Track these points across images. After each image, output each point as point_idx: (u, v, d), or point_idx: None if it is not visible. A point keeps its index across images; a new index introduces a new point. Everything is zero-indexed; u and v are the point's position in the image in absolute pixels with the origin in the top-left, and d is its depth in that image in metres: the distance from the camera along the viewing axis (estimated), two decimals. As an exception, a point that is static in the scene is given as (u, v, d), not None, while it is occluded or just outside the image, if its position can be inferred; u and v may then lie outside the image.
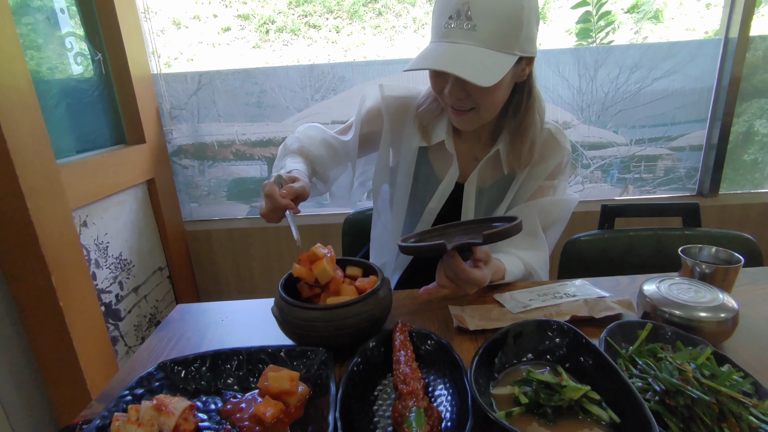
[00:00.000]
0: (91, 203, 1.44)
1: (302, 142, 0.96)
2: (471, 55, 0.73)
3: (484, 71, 0.72)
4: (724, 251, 0.75)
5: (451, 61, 0.73)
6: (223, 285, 2.05)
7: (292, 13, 2.86)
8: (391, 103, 0.97)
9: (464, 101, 0.81)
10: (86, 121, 1.56)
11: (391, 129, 0.97)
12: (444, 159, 0.96)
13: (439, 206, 0.96)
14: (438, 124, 0.95)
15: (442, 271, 0.73)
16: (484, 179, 0.96)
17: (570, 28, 2.42)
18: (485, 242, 0.66)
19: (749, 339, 0.66)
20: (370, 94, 0.99)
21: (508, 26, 0.73)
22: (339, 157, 1.00)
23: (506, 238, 0.68)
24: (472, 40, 0.73)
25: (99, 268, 1.47)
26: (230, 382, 0.60)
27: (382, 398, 0.57)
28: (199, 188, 2.02)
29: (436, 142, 0.94)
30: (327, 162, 0.98)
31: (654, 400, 0.50)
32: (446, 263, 0.72)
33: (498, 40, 0.73)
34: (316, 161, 0.96)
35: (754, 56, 1.83)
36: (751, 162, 1.99)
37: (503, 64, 0.74)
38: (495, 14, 0.72)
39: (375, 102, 0.98)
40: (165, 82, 1.85)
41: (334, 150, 0.99)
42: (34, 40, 1.37)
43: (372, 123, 0.98)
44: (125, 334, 1.59)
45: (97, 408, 0.58)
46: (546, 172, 0.94)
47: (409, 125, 0.97)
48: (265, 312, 0.71)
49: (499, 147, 0.91)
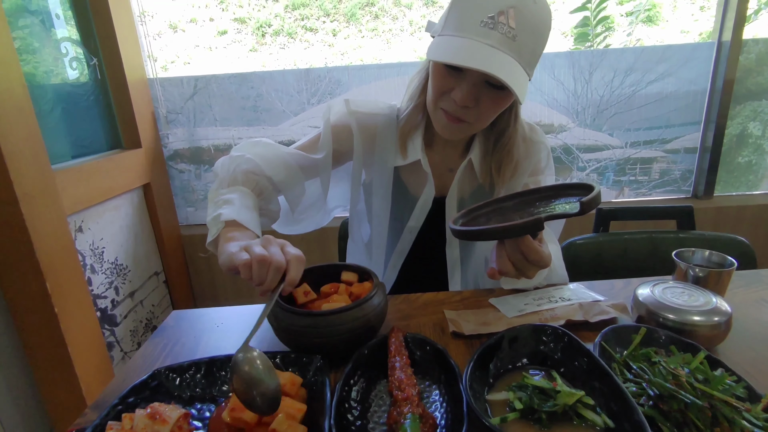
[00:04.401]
0: (87, 208, 1.44)
1: (255, 165, 0.81)
2: (510, 67, 0.66)
3: (518, 85, 0.66)
4: (717, 254, 0.76)
5: (499, 69, 0.65)
6: (220, 289, 2.05)
7: (289, 17, 2.87)
8: (359, 119, 0.90)
9: (468, 111, 0.75)
10: (82, 126, 1.55)
11: (362, 146, 0.91)
12: (418, 176, 0.92)
13: (419, 224, 0.94)
14: (412, 141, 0.89)
15: (505, 255, 0.62)
16: (463, 189, 0.94)
17: (566, 31, 2.43)
18: (583, 212, 0.56)
19: (742, 342, 0.66)
20: (335, 108, 0.91)
21: (539, 45, 0.70)
22: (299, 177, 0.88)
23: (599, 204, 0.58)
24: (511, 51, 0.67)
25: (94, 274, 1.47)
26: (225, 389, 0.60)
27: (377, 404, 0.56)
28: (195, 192, 2.01)
29: (412, 160, 0.89)
30: (287, 186, 0.87)
31: (648, 404, 0.50)
32: (511, 246, 0.61)
33: (529, 56, 0.69)
34: (275, 188, 0.85)
35: (747, 59, 1.84)
36: (745, 164, 2.00)
37: (526, 83, 0.69)
38: (534, 29, 0.68)
39: (341, 117, 0.90)
40: (161, 86, 1.85)
41: (295, 170, 0.87)
42: (29, 45, 1.37)
43: (340, 139, 0.90)
44: (121, 339, 1.58)
45: (92, 416, 0.58)
46: (527, 170, 0.92)
47: (380, 142, 0.91)
48: (261, 318, 0.71)
49: (471, 156, 0.89)
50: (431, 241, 0.97)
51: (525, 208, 0.68)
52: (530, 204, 0.69)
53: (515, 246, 0.60)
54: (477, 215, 0.72)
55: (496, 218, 0.69)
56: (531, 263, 0.61)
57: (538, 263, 0.61)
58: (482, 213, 0.72)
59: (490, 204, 0.73)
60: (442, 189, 0.93)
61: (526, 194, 0.72)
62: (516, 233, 0.58)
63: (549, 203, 0.66)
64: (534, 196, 0.71)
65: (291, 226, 1.00)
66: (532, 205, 0.68)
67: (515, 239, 0.60)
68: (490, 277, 0.64)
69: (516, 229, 0.57)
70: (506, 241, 0.62)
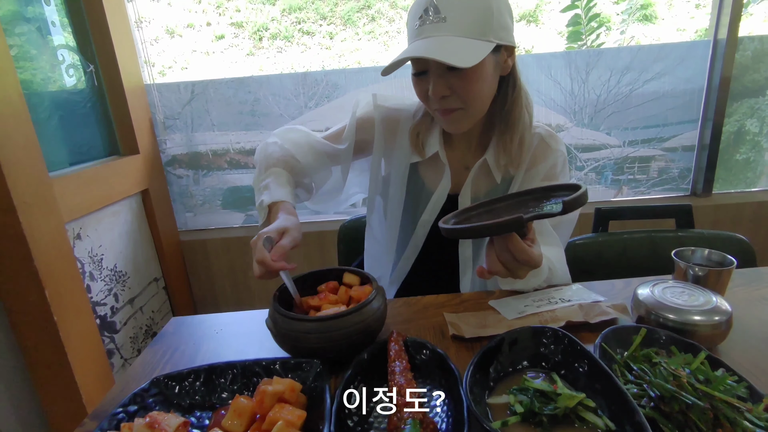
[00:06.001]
0: (85, 215, 1.44)
1: (286, 151, 0.93)
2: (446, 43, 0.74)
3: (462, 54, 0.72)
4: (716, 253, 0.75)
5: (427, 50, 0.73)
6: (220, 295, 2.04)
7: (286, 20, 2.87)
8: (383, 114, 0.96)
9: (449, 99, 0.80)
10: (79, 133, 1.55)
11: (383, 139, 0.97)
12: (436, 170, 0.95)
13: (432, 218, 0.95)
14: (430, 137, 0.94)
15: (494, 255, 0.63)
16: (478, 188, 0.94)
17: (562, 30, 2.44)
18: (565, 211, 0.57)
19: (743, 341, 0.66)
20: (363, 101, 0.98)
21: (478, 14, 0.75)
22: (325, 163, 0.98)
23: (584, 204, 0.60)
24: (445, 31, 0.74)
25: (93, 281, 1.46)
26: (225, 397, 0.60)
27: (378, 410, 0.56)
28: (193, 198, 2.01)
29: (430, 155, 0.93)
30: (315, 169, 0.96)
31: (649, 406, 0.50)
32: (500, 245, 0.62)
33: (470, 28, 0.74)
34: (304, 170, 0.94)
35: (743, 57, 1.84)
36: (743, 161, 2.00)
37: (480, 48, 0.74)
38: (463, 4, 0.74)
39: (368, 110, 0.97)
40: (158, 92, 1.85)
41: (323, 156, 0.97)
42: (26, 52, 1.37)
43: (364, 131, 0.97)
44: (121, 346, 1.58)
45: (90, 426, 0.58)
46: (540, 174, 0.93)
47: (400, 138, 0.96)
48: (260, 323, 0.71)
49: (486, 156, 0.91)
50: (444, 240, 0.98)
51: (516, 208, 0.69)
52: (523, 204, 0.70)
53: (504, 245, 0.61)
54: (470, 215, 0.73)
55: (487, 218, 0.70)
56: (520, 263, 0.61)
57: (527, 263, 0.61)
58: (475, 213, 0.73)
59: (484, 205, 0.74)
60: (457, 186, 0.94)
61: (518, 195, 0.73)
62: (498, 231, 0.59)
63: (540, 204, 0.67)
64: (527, 197, 0.72)
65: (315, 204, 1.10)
66: (525, 206, 0.69)
67: (504, 239, 0.61)
68: (479, 276, 0.65)
69: (497, 227, 0.59)
70: (495, 241, 0.63)
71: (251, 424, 0.51)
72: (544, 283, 0.85)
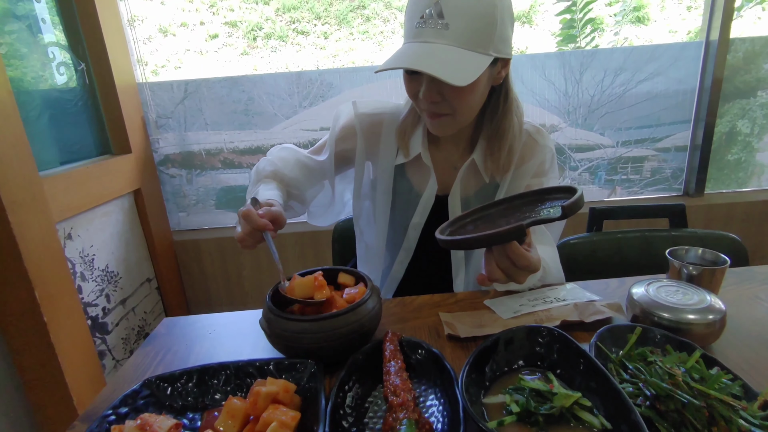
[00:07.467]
0: (76, 215, 1.42)
1: (276, 166, 0.95)
2: (444, 54, 0.71)
3: (459, 71, 0.70)
4: (710, 252, 0.76)
5: (424, 60, 0.70)
6: (213, 295, 2.03)
7: (280, 20, 2.86)
8: (364, 120, 0.95)
9: (440, 105, 0.79)
10: (70, 132, 1.53)
11: (366, 146, 0.96)
12: (422, 172, 0.94)
13: (422, 221, 0.95)
14: (413, 137, 0.93)
15: (494, 262, 0.62)
16: (467, 188, 0.94)
17: (555, 31, 2.45)
18: (565, 216, 0.57)
19: (737, 340, 0.67)
20: (344, 111, 0.97)
21: (482, 25, 0.71)
22: (314, 176, 1.00)
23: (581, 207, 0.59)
24: (445, 39, 0.71)
25: (85, 281, 1.45)
26: (218, 398, 0.59)
27: (373, 410, 0.56)
28: (187, 197, 1.99)
29: (413, 155, 0.92)
30: (303, 183, 0.98)
31: (645, 405, 0.50)
32: (499, 252, 0.61)
33: (472, 39, 0.71)
34: (292, 183, 0.96)
35: (735, 58, 1.86)
36: (735, 161, 2.02)
37: (478, 64, 0.72)
38: (468, 13, 0.71)
39: (349, 119, 0.96)
40: (150, 91, 1.84)
41: (309, 170, 0.98)
42: (16, 50, 1.35)
43: (347, 140, 0.96)
44: (113, 347, 1.56)
45: (80, 428, 0.57)
46: (530, 171, 0.92)
47: (384, 141, 0.95)
48: (254, 324, 0.70)
49: (474, 156, 0.90)
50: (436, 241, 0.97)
51: (511, 214, 0.69)
52: (516, 209, 0.70)
53: (503, 252, 0.61)
54: (465, 223, 0.72)
55: (483, 225, 0.69)
56: (520, 269, 0.61)
57: (527, 268, 0.61)
58: (469, 221, 0.72)
59: (477, 211, 0.74)
60: (446, 187, 0.94)
61: (511, 200, 0.73)
62: (499, 240, 0.59)
63: (534, 208, 0.66)
64: (520, 201, 0.71)
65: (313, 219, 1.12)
66: (519, 210, 0.69)
67: (502, 246, 0.60)
68: (479, 284, 0.64)
69: (498, 236, 0.58)
70: (494, 248, 0.62)
71: (244, 425, 0.51)
72: (539, 283, 0.85)
